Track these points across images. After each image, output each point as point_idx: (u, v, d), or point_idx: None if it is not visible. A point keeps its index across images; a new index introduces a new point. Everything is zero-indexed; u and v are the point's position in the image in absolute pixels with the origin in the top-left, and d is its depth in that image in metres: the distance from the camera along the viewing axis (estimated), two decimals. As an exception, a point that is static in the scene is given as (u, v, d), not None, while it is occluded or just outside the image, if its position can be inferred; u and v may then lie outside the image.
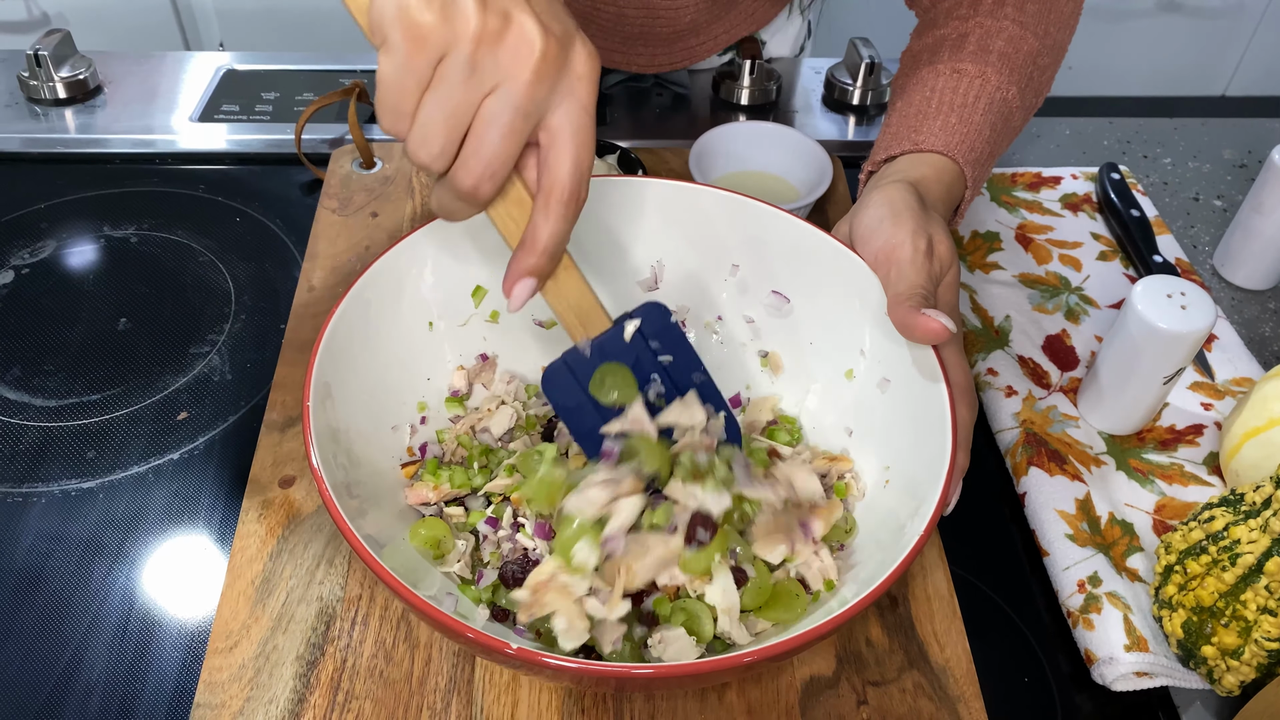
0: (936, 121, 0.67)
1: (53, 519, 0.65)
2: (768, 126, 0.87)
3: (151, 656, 0.59)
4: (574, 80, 0.46)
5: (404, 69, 0.43)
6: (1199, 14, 2.37)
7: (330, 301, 0.75)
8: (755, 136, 0.87)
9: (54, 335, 0.78)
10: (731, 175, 0.86)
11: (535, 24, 0.44)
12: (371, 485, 0.56)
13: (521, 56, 0.44)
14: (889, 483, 0.59)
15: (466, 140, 0.45)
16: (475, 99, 0.44)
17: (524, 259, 0.49)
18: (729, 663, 0.45)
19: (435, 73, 0.43)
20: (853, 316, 0.64)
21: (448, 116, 0.44)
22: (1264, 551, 0.52)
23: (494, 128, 0.44)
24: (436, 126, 0.44)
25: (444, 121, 0.44)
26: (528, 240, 0.48)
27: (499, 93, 0.44)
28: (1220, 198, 0.97)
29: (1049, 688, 0.60)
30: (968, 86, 0.69)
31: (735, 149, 0.86)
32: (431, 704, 0.55)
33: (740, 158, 0.87)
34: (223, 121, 0.96)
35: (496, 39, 0.43)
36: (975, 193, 0.68)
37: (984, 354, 0.77)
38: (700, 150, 0.83)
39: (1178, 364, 0.66)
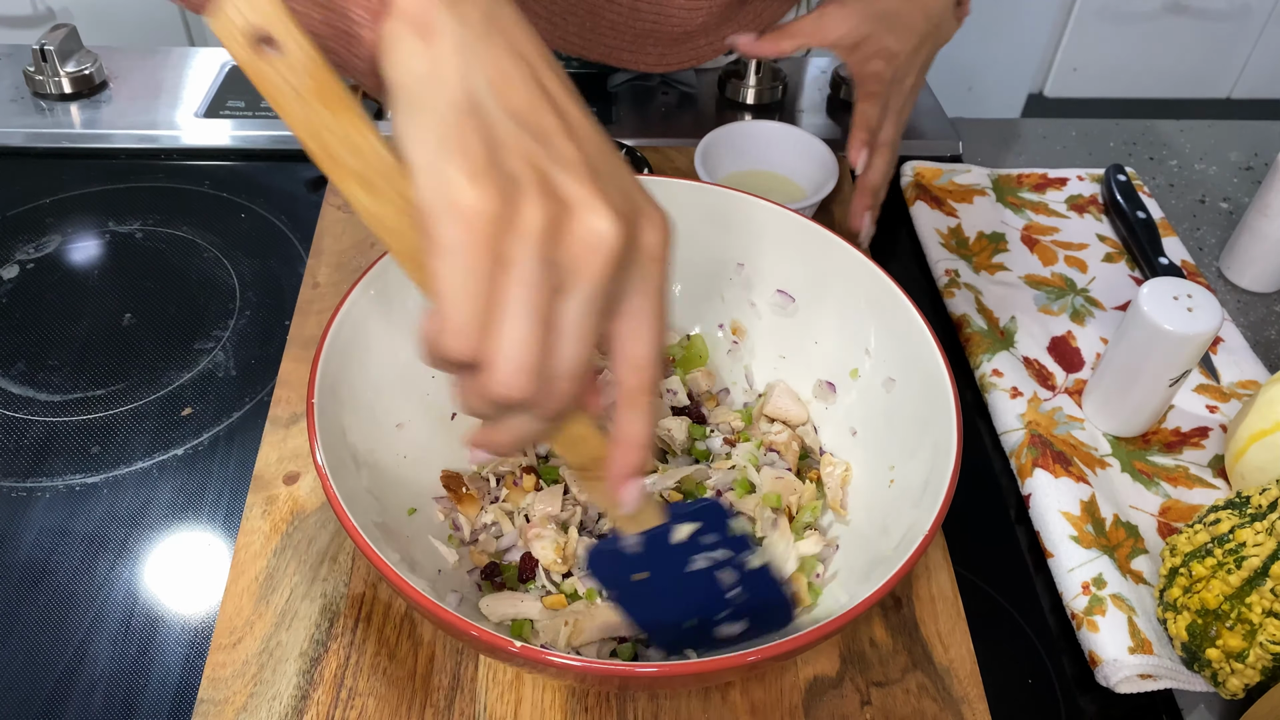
0: None
1: (57, 514, 0.65)
2: (774, 126, 0.87)
3: (155, 652, 0.59)
4: (646, 262, 0.40)
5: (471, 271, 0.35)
6: (1205, 16, 2.37)
7: (335, 298, 0.75)
8: (762, 135, 0.87)
9: (59, 330, 0.78)
10: (737, 174, 0.85)
11: (605, 209, 0.37)
12: (376, 482, 0.56)
13: (593, 249, 0.37)
14: (893, 482, 0.59)
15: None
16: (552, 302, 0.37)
17: (626, 458, 0.43)
18: (732, 662, 0.45)
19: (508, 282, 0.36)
20: (858, 316, 0.63)
21: (537, 329, 0.37)
22: (1270, 554, 0.52)
23: (571, 335, 0.38)
24: (530, 342, 0.37)
25: (534, 337, 0.37)
26: (622, 439, 0.43)
27: (573, 295, 0.38)
28: (1226, 200, 0.97)
29: (1053, 689, 0.60)
30: None
31: (741, 148, 0.86)
32: (435, 702, 0.55)
33: (746, 156, 0.86)
34: (228, 117, 0.96)
35: (564, 230, 0.37)
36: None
37: (989, 355, 0.76)
38: (706, 148, 0.83)
39: (1183, 366, 0.66)
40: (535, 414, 0.40)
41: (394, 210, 0.38)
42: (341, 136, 0.37)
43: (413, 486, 0.60)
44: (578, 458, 0.46)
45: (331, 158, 0.37)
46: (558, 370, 0.38)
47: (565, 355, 0.38)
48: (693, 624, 0.52)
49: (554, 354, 0.38)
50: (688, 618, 0.52)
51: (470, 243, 0.35)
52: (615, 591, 0.51)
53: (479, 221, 0.35)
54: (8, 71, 1.00)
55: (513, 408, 0.39)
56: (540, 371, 0.38)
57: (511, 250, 0.36)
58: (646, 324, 0.41)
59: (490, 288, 0.36)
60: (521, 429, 0.41)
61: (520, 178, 0.36)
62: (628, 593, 0.51)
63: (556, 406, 0.39)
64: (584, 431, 0.45)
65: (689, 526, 0.50)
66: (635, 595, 0.51)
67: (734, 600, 0.52)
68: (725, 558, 0.51)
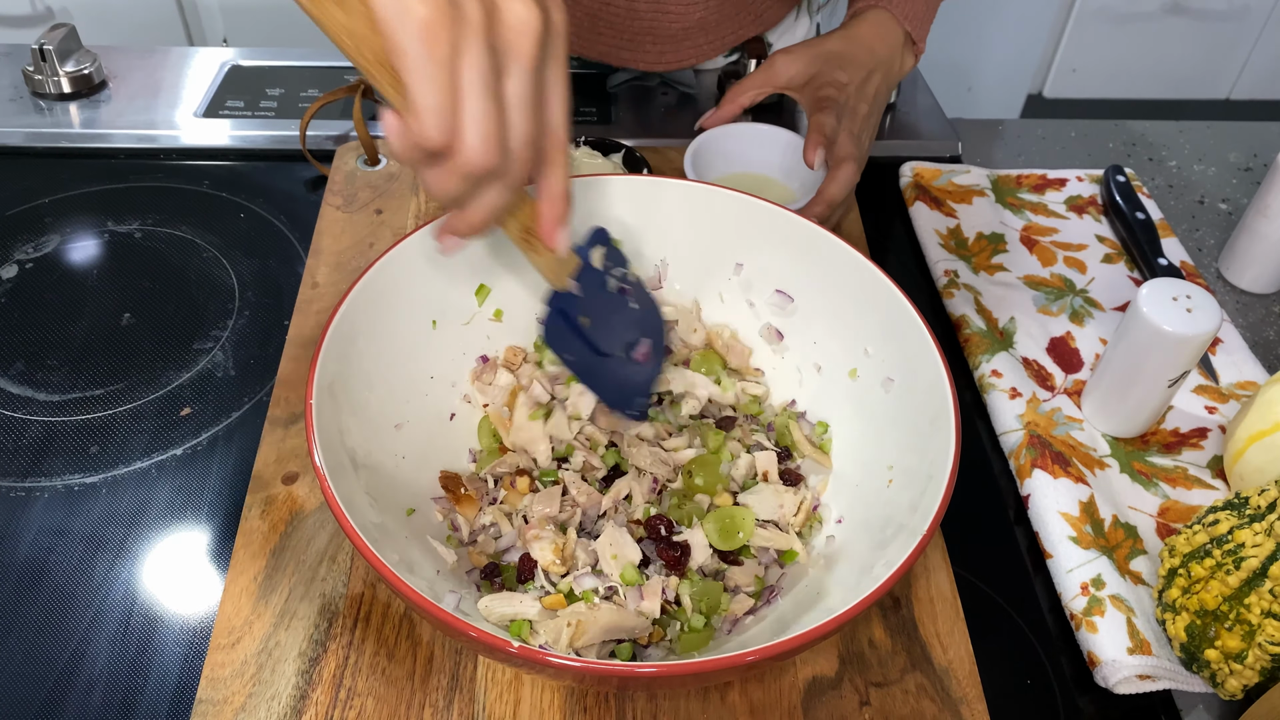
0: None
1: (56, 514, 0.65)
2: (764, 128, 0.86)
3: (154, 652, 0.59)
4: (556, 39, 0.47)
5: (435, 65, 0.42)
6: (1204, 17, 2.37)
7: (334, 298, 0.75)
8: (752, 137, 0.86)
9: (57, 330, 0.78)
10: (727, 177, 0.85)
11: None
12: (374, 483, 0.56)
13: (525, 32, 0.45)
14: (892, 482, 0.59)
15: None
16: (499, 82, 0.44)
17: (554, 210, 0.52)
18: (731, 662, 0.45)
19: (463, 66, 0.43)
20: (856, 316, 0.64)
21: (493, 105, 0.44)
22: (1268, 555, 0.52)
23: (521, 107, 0.45)
24: (491, 115, 0.44)
25: (493, 112, 0.44)
26: (549, 194, 0.51)
27: (514, 73, 0.45)
28: (1225, 201, 0.97)
29: (1051, 690, 0.60)
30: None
31: (731, 150, 0.86)
32: (434, 702, 0.55)
33: (736, 159, 0.86)
34: (227, 117, 0.96)
35: (497, 19, 0.44)
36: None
37: (988, 355, 0.76)
38: (696, 150, 0.83)
39: (1182, 367, 0.66)
40: (502, 184, 0.47)
41: (363, 22, 0.43)
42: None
43: (411, 487, 0.60)
44: (519, 222, 0.53)
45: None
46: (515, 139, 0.46)
47: (519, 125, 0.46)
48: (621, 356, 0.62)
49: (510, 125, 0.45)
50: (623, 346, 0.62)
51: (428, 40, 0.42)
52: (572, 357, 0.60)
53: (432, 22, 0.41)
54: (7, 71, 1.00)
55: (482, 180, 0.46)
56: (502, 141, 0.45)
57: (461, 39, 0.42)
58: (559, 94, 0.49)
59: (450, 76, 0.43)
60: (491, 203, 0.48)
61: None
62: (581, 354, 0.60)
63: (519, 174, 0.47)
64: (523, 199, 0.53)
65: (599, 249, 0.59)
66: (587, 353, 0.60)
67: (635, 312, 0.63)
68: (623, 272, 0.61)
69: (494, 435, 0.64)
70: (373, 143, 0.88)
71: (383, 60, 0.44)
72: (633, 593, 0.55)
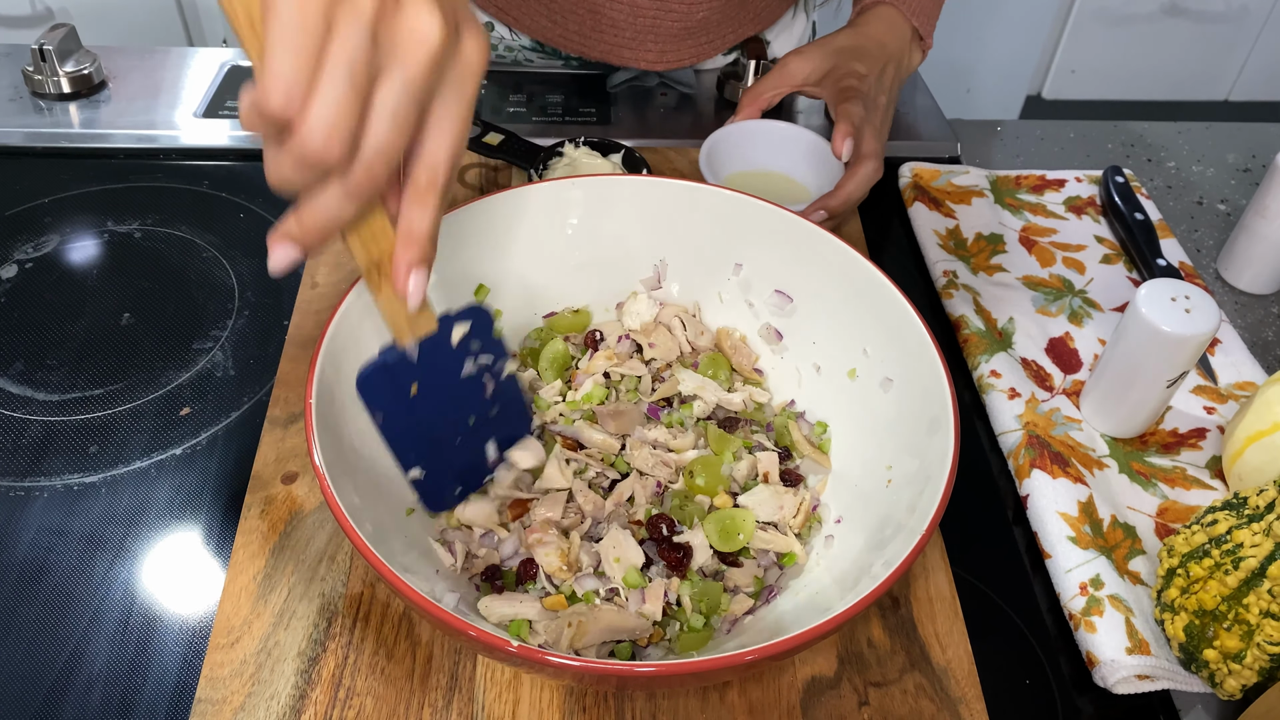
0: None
1: (55, 513, 0.65)
2: (778, 125, 0.86)
3: (153, 651, 0.59)
4: (463, 70, 0.44)
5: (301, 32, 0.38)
6: (1203, 18, 2.37)
7: (333, 298, 0.75)
8: (766, 135, 0.86)
9: (57, 330, 0.78)
10: (741, 174, 0.85)
11: (435, 9, 0.41)
12: (374, 483, 0.56)
13: (418, 42, 0.41)
14: (891, 482, 0.59)
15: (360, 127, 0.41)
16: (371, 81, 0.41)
17: (409, 251, 0.47)
18: (730, 661, 0.45)
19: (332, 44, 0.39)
20: (855, 316, 0.64)
21: (353, 95, 0.40)
22: (1267, 555, 0.52)
23: (387, 115, 0.41)
24: (344, 105, 0.39)
25: (350, 101, 0.39)
26: (408, 233, 0.46)
27: (393, 78, 0.41)
28: (1224, 202, 0.97)
29: (1050, 690, 0.60)
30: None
31: (745, 148, 0.86)
32: (433, 701, 0.55)
33: (750, 157, 0.86)
34: (227, 117, 0.96)
35: (393, 18, 0.40)
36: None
37: (987, 355, 0.77)
38: (711, 148, 0.83)
39: (1181, 367, 0.66)
40: (343, 189, 0.42)
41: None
42: None
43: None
44: (370, 253, 0.47)
45: None
46: (369, 145, 0.41)
47: (378, 133, 0.41)
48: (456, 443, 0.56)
49: (367, 128, 0.41)
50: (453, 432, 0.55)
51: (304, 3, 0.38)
52: (382, 415, 0.53)
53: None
54: (6, 71, 1.00)
55: (320, 172, 0.41)
56: (350, 137, 0.40)
57: (341, 19, 0.39)
58: (450, 128, 0.44)
59: (315, 49, 0.38)
60: (328, 207, 0.43)
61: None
62: (395, 415, 0.53)
63: (363, 184, 0.42)
64: (381, 226, 0.47)
65: (462, 326, 0.53)
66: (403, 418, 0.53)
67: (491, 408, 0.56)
68: (489, 362, 0.55)
69: None
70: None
71: (254, 19, 0.40)
72: (635, 595, 0.55)
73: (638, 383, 0.67)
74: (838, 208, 0.76)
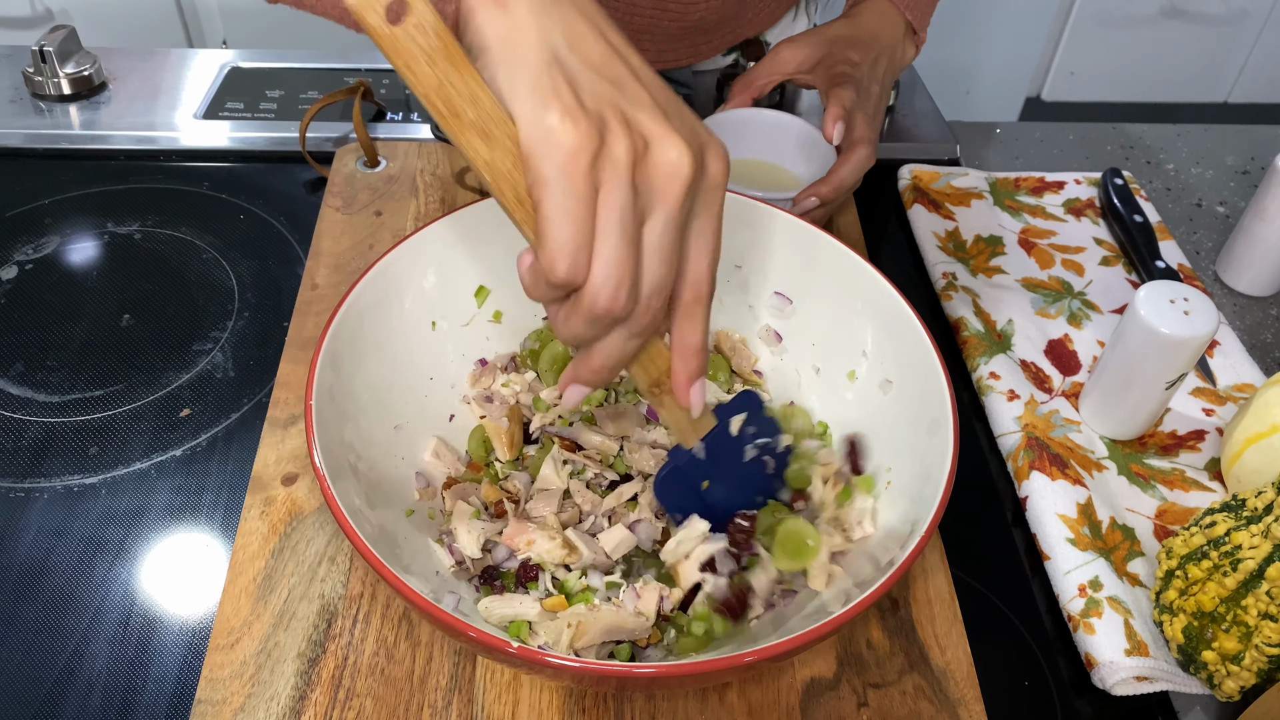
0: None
1: (55, 514, 0.65)
2: (770, 114, 0.85)
3: (153, 652, 0.59)
4: (711, 188, 0.45)
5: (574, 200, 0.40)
6: (1202, 20, 2.37)
7: (334, 300, 0.75)
8: (758, 124, 0.85)
9: (57, 331, 0.78)
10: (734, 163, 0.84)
11: (680, 141, 0.42)
12: (374, 484, 0.56)
13: (672, 177, 0.42)
14: (890, 484, 0.59)
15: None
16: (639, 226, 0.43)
17: (688, 365, 0.49)
18: (730, 662, 0.45)
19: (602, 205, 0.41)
20: (855, 318, 0.64)
21: (628, 247, 0.42)
22: (1265, 557, 0.52)
23: (657, 255, 0.43)
24: (625, 259, 0.42)
25: (628, 255, 0.42)
26: (683, 349, 0.48)
27: (657, 217, 0.43)
28: (1223, 204, 0.97)
29: (1049, 691, 0.60)
30: None
31: (738, 136, 0.85)
32: (433, 702, 0.55)
33: (742, 146, 0.85)
34: (227, 119, 0.96)
35: (646, 161, 0.42)
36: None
37: (986, 357, 0.77)
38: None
39: (1180, 369, 0.67)
40: (628, 331, 0.45)
41: (507, 156, 0.42)
42: (464, 92, 0.41)
43: (410, 488, 0.60)
44: (649, 375, 0.50)
45: (455, 114, 0.41)
46: (647, 286, 0.43)
47: (653, 272, 0.43)
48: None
49: (644, 271, 0.43)
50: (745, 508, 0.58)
51: (570, 172, 0.40)
52: (680, 516, 0.57)
53: (577, 153, 0.40)
54: (7, 72, 1.01)
55: (609, 325, 0.44)
56: (634, 287, 0.43)
57: (604, 178, 0.41)
58: (707, 243, 0.46)
59: (588, 214, 0.41)
60: (615, 349, 0.45)
61: (606, 117, 0.41)
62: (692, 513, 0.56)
63: (647, 323, 0.45)
64: (655, 348, 0.50)
65: (740, 417, 0.56)
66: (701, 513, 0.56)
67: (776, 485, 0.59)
68: (768, 443, 0.58)
69: (485, 444, 0.64)
70: (372, 145, 0.89)
71: (521, 197, 0.43)
72: (629, 593, 0.55)
73: None
74: (830, 194, 0.76)
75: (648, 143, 0.42)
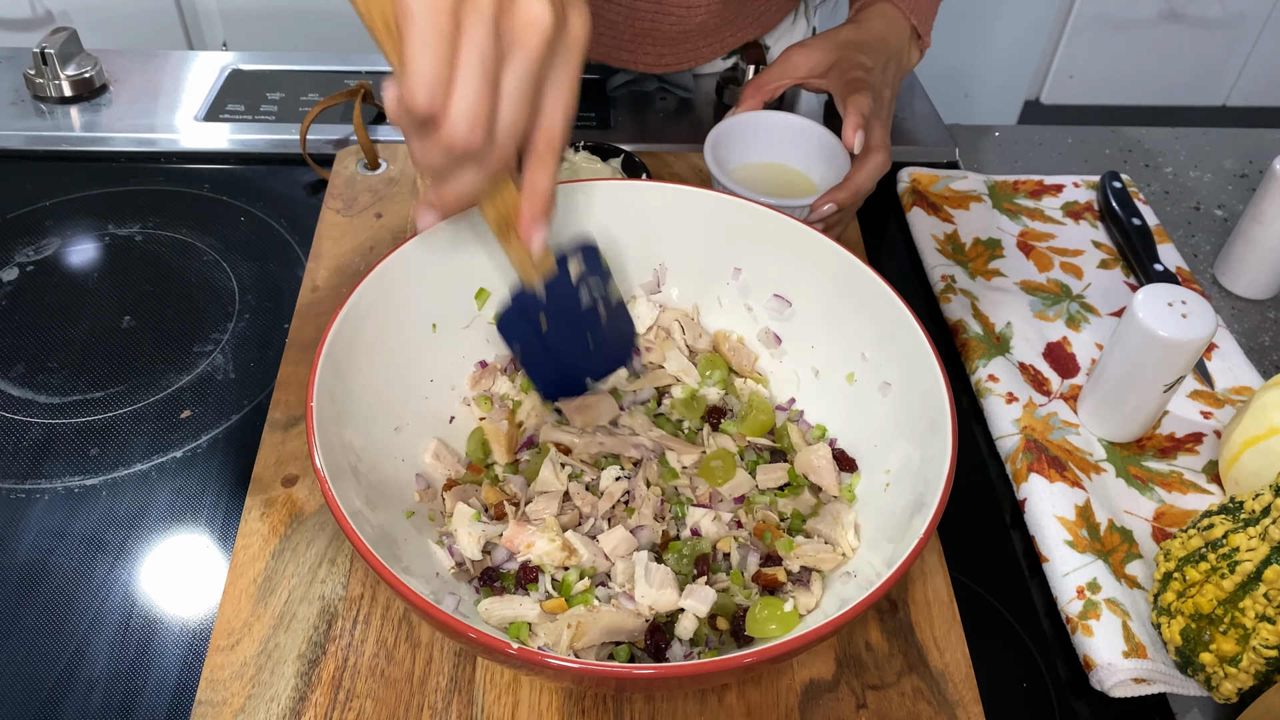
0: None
1: (56, 516, 0.65)
2: (784, 117, 0.84)
3: (153, 653, 0.59)
4: (571, 45, 0.49)
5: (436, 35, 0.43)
6: (1201, 24, 2.38)
7: (334, 302, 0.76)
8: (771, 127, 0.84)
9: (58, 332, 0.78)
10: (748, 166, 0.83)
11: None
12: (374, 485, 0.56)
13: (534, 28, 0.46)
14: (889, 486, 0.59)
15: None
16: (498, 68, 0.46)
17: (533, 206, 0.53)
18: (729, 664, 0.45)
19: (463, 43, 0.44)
20: (854, 320, 0.64)
21: (486, 86, 0.45)
22: (1263, 559, 0.53)
23: (513, 97, 0.47)
24: (482, 97, 0.45)
25: (485, 93, 0.45)
26: (531, 192, 0.52)
27: (515, 62, 0.46)
28: (1221, 207, 0.97)
29: (1047, 693, 0.60)
30: None
31: (752, 139, 0.84)
32: (432, 704, 0.55)
33: (757, 148, 0.84)
34: (227, 121, 0.96)
35: (511, 9, 0.45)
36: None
37: (985, 360, 0.77)
38: (716, 140, 0.81)
39: (1178, 372, 0.67)
40: (480, 165, 0.48)
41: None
42: None
43: (411, 489, 0.60)
44: (498, 212, 0.54)
45: None
46: (502, 126, 0.47)
47: (508, 113, 0.47)
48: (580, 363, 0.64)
49: (500, 112, 0.46)
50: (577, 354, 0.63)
51: (434, 11, 0.43)
52: (519, 348, 0.62)
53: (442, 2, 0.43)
54: (8, 74, 1.01)
55: (463, 159, 0.47)
56: (489, 126, 0.46)
57: (468, 19, 0.44)
58: (563, 98, 0.50)
59: (449, 50, 0.44)
60: (467, 183, 0.49)
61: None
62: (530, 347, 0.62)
63: (498, 160, 0.48)
64: (506, 188, 0.53)
65: (578, 261, 0.60)
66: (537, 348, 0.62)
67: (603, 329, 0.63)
68: (600, 290, 0.62)
69: (483, 446, 0.64)
70: (373, 147, 0.89)
71: (390, 24, 0.45)
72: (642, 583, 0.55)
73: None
74: (846, 200, 0.75)
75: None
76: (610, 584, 0.57)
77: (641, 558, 0.56)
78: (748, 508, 0.61)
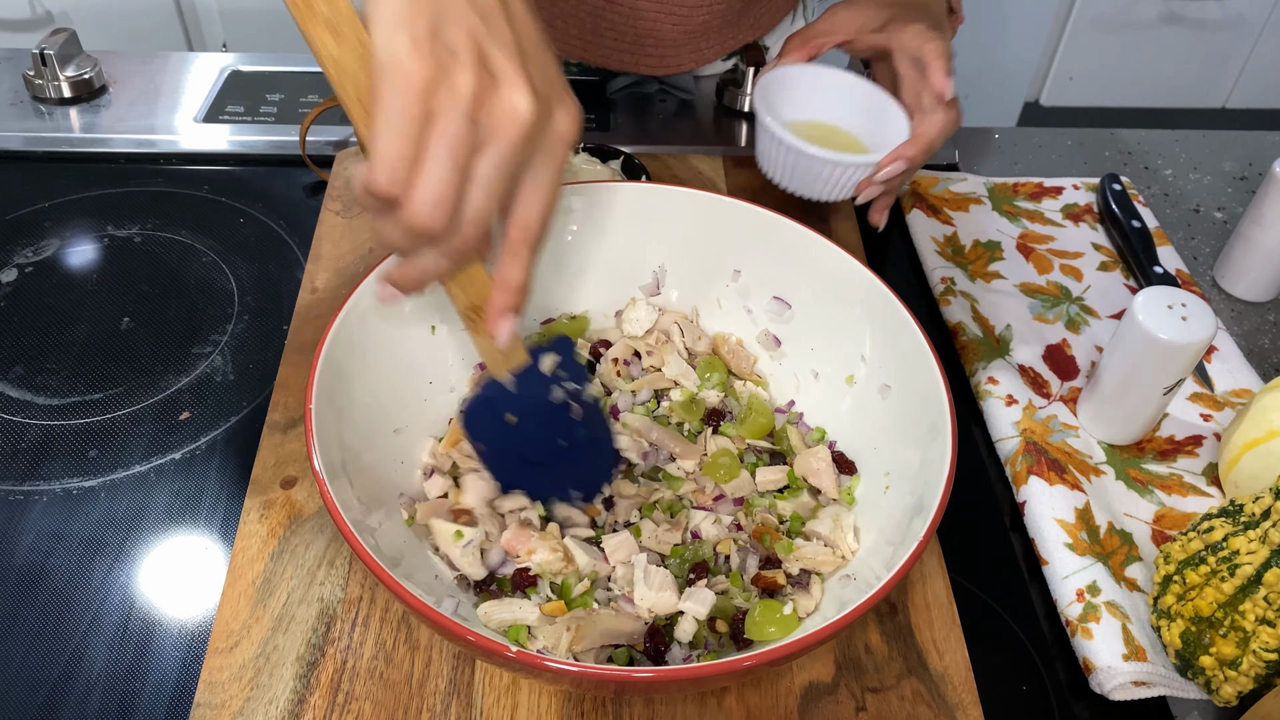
0: None
1: (54, 517, 0.65)
2: (836, 73, 0.79)
3: (152, 656, 0.59)
4: (554, 140, 0.47)
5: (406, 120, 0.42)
6: (1200, 26, 2.38)
7: (333, 303, 0.75)
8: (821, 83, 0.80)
9: (57, 334, 0.78)
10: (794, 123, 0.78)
11: (526, 88, 0.44)
12: (373, 487, 0.56)
13: (512, 119, 0.44)
14: (889, 488, 0.59)
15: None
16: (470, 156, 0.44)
17: (503, 298, 0.51)
18: (728, 667, 0.45)
19: (434, 130, 0.43)
20: (854, 322, 0.64)
21: (453, 173, 0.44)
22: (1263, 562, 0.53)
23: (482, 187, 0.45)
24: (447, 184, 0.44)
25: (450, 180, 0.44)
26: (502, 282, 0.50)
27: (488, 152, 0.45)
28: (1221, 209, 0.97)
29: (1047, 696, 0.60)
30: None
31: (799, 95, 0.80)
32: (431, 706, 0.55)
33: (804, 104, 0.80)
34: (227, 122, 0.96)
35: (489, 97, 0.44)
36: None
37: (984, 362, 0.77)
38: (765, 87, 0.77)
39: (1178, 375, 0.67)
40: (442, 250, 0.47)
41: (353, 56, 0.45)
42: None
43: (410, 491, 0.60)
44: (467, 298, 0.52)
45: (309, 4, 0.44)
46: (466, 214, 0.45)
47: (474, 202, 0.45)
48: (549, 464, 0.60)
49: (466, 199, 0.45)
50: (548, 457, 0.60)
51: (406, 93, 0.42)
52: (484, 446, 0.58)
53: (414, 78, 0.42)
54: (7, 75, 1.01)
55: (425, 240, 0.46)
56: (452, 211, 0.45)
57: (441, 105, 0.43)
58: (541, 193, 0.48)
59: (419, 135, 0.43)
60: (429, 264, 0.48)
61: (459, 49, 0.43)
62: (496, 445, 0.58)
63: (461, 247, 0.47)
64: (477, 275, 0.52)
65: (552, 356, 0.58)
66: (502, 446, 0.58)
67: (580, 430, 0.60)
68: (574, 389, 0.59)
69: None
70: (372, 148, 0.88)
71: (363, 98, 0.44)
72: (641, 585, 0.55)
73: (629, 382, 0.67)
74: (919, 158, 0.72)
75: (496, 82, 0.44)
76: (610, 587, 0.57)
77: (641, 560, 0.56)
78: (747, 510, 0.61)
